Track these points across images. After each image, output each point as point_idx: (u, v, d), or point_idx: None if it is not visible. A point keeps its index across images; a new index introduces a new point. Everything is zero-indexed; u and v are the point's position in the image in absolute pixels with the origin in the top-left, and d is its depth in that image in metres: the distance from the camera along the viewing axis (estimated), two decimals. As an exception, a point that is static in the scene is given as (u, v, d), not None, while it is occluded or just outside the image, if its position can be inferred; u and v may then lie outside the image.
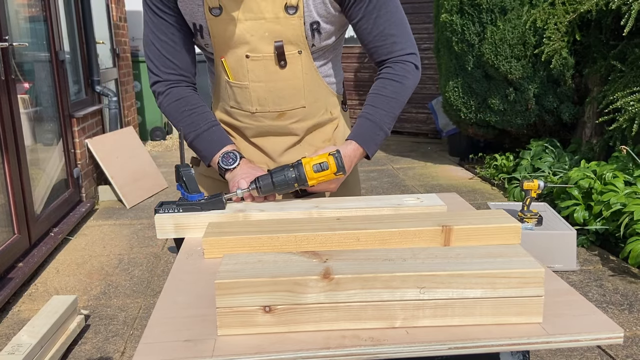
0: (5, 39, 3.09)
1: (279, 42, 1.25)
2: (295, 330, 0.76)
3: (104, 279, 3.09)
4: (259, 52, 1.26)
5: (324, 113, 1.41)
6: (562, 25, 4.17)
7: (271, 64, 1.28)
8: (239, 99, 1.34)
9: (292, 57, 1.28)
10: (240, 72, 1.30)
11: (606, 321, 0.77)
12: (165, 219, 1.14)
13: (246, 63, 1.28)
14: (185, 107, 1.33)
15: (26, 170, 3.27)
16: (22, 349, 2.06)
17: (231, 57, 1.29)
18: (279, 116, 1.35)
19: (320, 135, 1.42)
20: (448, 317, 0.77)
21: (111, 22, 5.56)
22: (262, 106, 1.33)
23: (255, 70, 1.28)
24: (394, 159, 5.98)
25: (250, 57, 1.27)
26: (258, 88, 1.30)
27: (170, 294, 0.88)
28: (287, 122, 1.36)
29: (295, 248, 1.01)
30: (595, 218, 3.31)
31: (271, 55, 1.26)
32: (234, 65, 1.30)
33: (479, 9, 4.66)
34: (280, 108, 1.33)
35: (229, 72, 1.31)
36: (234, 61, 1.29)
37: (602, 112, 4.01)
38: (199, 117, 1.32)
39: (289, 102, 1.33)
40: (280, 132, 1.37)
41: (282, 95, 1.32)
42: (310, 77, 1.33)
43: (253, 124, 1.37)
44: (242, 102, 1.34)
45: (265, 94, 1.31)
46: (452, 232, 1.04)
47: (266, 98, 1.32)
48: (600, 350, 2.31)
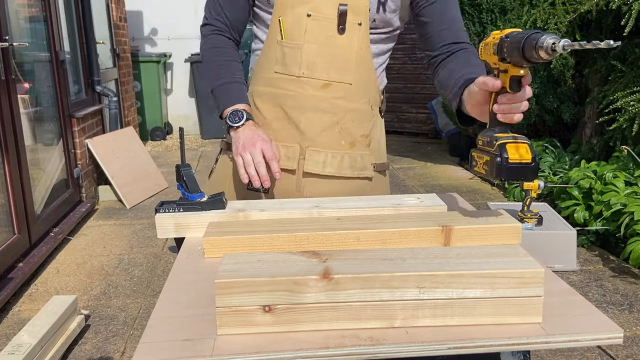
0: (5, 39, 3.09)
1: (344, 6, 1.25)
2: (294, 329, 0.76)
3: (104, 279, 3.09)
4: (321, 12, 1.27)
5: (366, 102, 1.36)
6: (563, 25, 4.17)
7: (330, 27, 1.27)
8: (288, 60, 1.31)
9: (352, 26, 1.27)
10: (296, 32, 1.29)
11: (606, 321, 0.77)
12: (165, 219, 1.14)
13: (305, 22, 1.28)
14: (218, 55, 1.37)
15: (26, 170, 3.27)
16: (22, 349, 2.06)
17: (290, 16, 1.29)
18: (325, 86, 1.31)
19: (359, 128, 1.36)
20: (448, 317, 0.77)
21: (111, 22, 5.56)
22: (310, 70, 1.30)
23: (313, 31, 1.28)
24: (394, 159, 5.98)
25: (312, 16, 1.27)
26: (310, 50, 1.29)
27: (170, 294, 0.88)
28: (331, 96, 1.31)
29: (295, 248, 1.01)
30: (595, 218, 3.31)
31: (333, 18, 1.27)
32: (291, 25, 1.29)
33: (479, 9, 4.66)
34: (328, 77, 1.30)
35: (283, 32, 1.30)
36: (293, 20, 1.29)
37: (603, 112, 4.01)
38: (227, 69, 1.36)
39: (338, 73, 1.30)
40: (320, 107, 1.31)
41: (333, 63, 1.29)
42: (364, 54, 1.31)
43: (296, 92, 1.32)
44: (289, 64, 1.31)
45: (316, 58, 1.29)
46: (452, 232, 1.04)
47: (316, 63, 1.29)
48: (600, 350, 2.31)
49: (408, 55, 6.91)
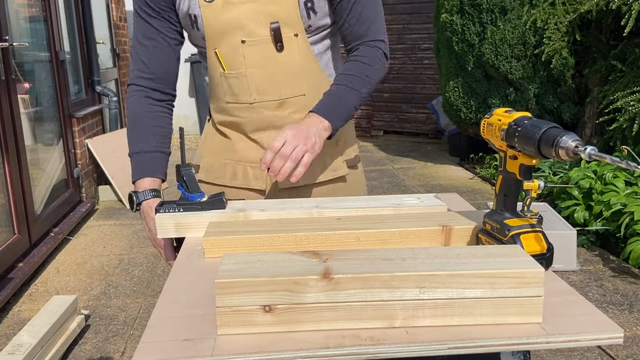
0: (5, 39, 3.09)
1: (275, 24, 1.23)
2: (295, 329, 0.76)
3: (104, 279, 3.09)
4: (255, 36, 1.24)
5: None
6: (562, 25, 4.17)
7: (268, 48, 1.25)
8: (236, 90, 1.30)
9: (289, 39, 1.25)
10: (236, 61, 1.27)
11: (606, 321, 0.77)
12: (165, 219, 1.14)
13: (242, 50, 1.25)
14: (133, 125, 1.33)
15: (26, 170, 3.27)
16: (22, 349, 2.06)
17: (225, 46, 1.26)
18: (279, 105, 1.30)
19: None
20: (448, 317, 0.77)
21: (111, 22, 5.56)
22: (260, 95, 1.29)
23: (252, 56, 1.26)
24: (394, 159, 5.98)
25: (247, 42, 1.24)
26: (256, 75, 1.27)
27: (170, 294, 0.88)
28: (287, 112, 1.31)
29: (295, 248, 1.01)
30: (595, 218, 3.31)
31: (268, 39, 1.24)
32: (229, 55, 1.27)
33: (479, 9, 4.66)
34: (280, 96, 1.29)
35: (223, 63, 1.28)
36: (229, 50, 1.27)
37: (603, 112, 4.02)
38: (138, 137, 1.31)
39: (289, 89, 1.29)
40: (280, 124, 1.31)
41: (281, 81, 1.28)
42: (309, 62, 1.29)
43: (252, 117, 1.32)
44: (239, 94, 1.30)
45: (264, 81, 1.28)
46: (452, 232, 1.04)
47: (264, 86, 1.28)
48: (600, 350, 2.31)
49: (408, 55, 6.91)
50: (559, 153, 0.83)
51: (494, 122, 0.97)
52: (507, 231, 0.93)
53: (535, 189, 0.92)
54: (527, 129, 0.88)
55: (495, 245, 0.95)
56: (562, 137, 0.82)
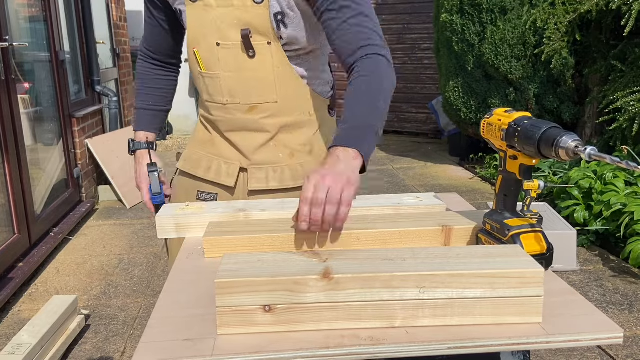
0: (6, 39, 3.09)
1: (245, 30, 1.24)
2: (294, 329, 0.76)
3: (104, 279, 3.09)
4: (228, 40, 1.27)
5: (300, 114, 1.34)
6: (562, 25, 4.17)
7: (240, 53, 1.27)
8: (211, 90, 1.34)
9: (262, 47, 1.26)
10: (212, 62, 1.31)
11: (606, 321, 0.77)
12: (165, 219, 1.14)
13: (217, 52, 1.29)
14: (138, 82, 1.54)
15: (26, 170, 3.27)
16: (22, 349, 2.06)
17: (203, 47, 1.30)
18: (250, 109, 1.32)
19: (296, 138, 1.36)
20: (448, 317, 0.77)
21: (111, 22, 5.56)
22: (232, 97, 1.32)
23: (226, 59, 1.29)
24: (394, 159, 5.98)
25: (221, 45, 1.28)
26: (228, 78, 1.30)
27: (170, 294, 0.88)
28: (258, 117, 1.32)
29: (295, 247, 1.01)
30: (595, 218, 3.31)
31: (239, 44, 1.26)
32: (206, 55, 1.31)
33: (479, 9, 4.66)
34: (251, 101, 1.31)
35: (201, 63, 1.33)
36: (206, 50, 1.30)
37: (603, 112, 4.02)
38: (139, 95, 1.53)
39: (259, 95, 1.30)
40: (252, 127, 1.34)
41: (252, 87, 1.30)
42: (283, 71, 1.29)
43: (225, 117, 1.36)
44: (213, 94, 1.35)
45: (235, 85, 1.31)
46: (452, 232, 1.04)
47: (236, 89, 1.31)
48: (600, 350, 2.31)
49: (408, 55, 6.91)
50: (559, 153, 0.83)
51: (494, 122, 0.97)
52: (507, 231, 0.93)
53: (535, 189, 0.92)
54: (527, 129, 0.88)
55: (495, 245, 0.95)
56: (562, 137, 0.82)
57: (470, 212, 1.21)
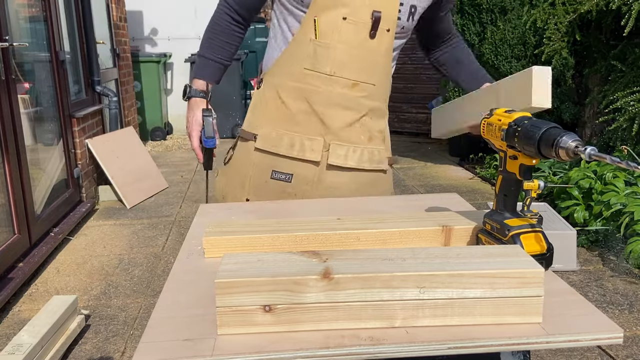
0: (6, 39, 3.09)
1: (378, 13, 1.34)
2: (294, 329, 0.76)
3: (104, 279, 3.09)
4: (356, 16, 1.34)
5: (384, 102, 1.49)
6: (562, 25, 4.17)
7: (363, 31, 1.35)
8: (319, 58, 1.37)
9: (382, 32, 1.36)
10: (330, 32, 1.35)
11: (606, 321, 0.77)
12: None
13: (340, 24, 1.35)
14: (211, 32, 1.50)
15: (26, 170, 3.27)
16: (22, 349, 2.06)
17: (325, 17, 1.35)
18: (353, 86, 1.39)
19: (376, 124, 1.47)
20: (448, 317, 0.77)
21: (111, 22, 5.56)
22: (339, 70, 1.37)
23: (347, 33, 1.35)
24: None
25: (348, 19, 1.34)
26: (342, 50, 1.36)
27: (170, 294, 0.88)
28: (357, 95, 1.40)
29: (295, 247, 1.01)
30: (595, 218, 3.31)
31: (367, 23, 1.34)
32: (326, 25, 1.35)
33: (479, 9, 4.66)
34: (357, 77, 1.38)
35: (317, 31, 1.36)
36: (327, 21, 1.35)
37: (602, 112, 4.02)
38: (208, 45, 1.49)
39: (366, 74, 1.39)
40: (346, 104, 1.40)
41: (362, 65, 1.38)
42: (387, 59, 1.41)
43: (324, 89, 1.39)
44: (320, 63, 1.37)
45: (347, 58, 1.37)
46: (452, 232, 1.05)
47: (346, 63, 1.37)
48: (600, 350, 2.31)
49: (408, 55, 6.90)
50: (559, 153, 0.83)
51: (494, 122, 0.97)
52: (507, 231, 0.93)
53: (535, 189, 0.92)
54: (527, 129, 0.88)
55: (495, 245, 0.95)
56: (562, 137, 0.82)
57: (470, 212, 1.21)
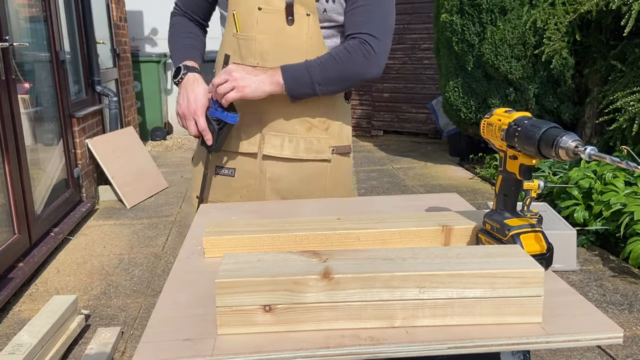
0: (6, 39, 3.09)
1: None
2: (295, 329, 0.76)
3: (104, 278, 3.09)
4: (270, 4, 1.34)
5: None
6: (562, 25, 4.17)
7: (279, 19, 1.35)
8: (243, 51, 1.39)
9: (300, 17, 1.34)
10: (249, 24, 1.37)
11: (606, 321, 0.77)
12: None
13: (257, 15, 1.35)
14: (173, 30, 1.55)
15: (26, 170, 3.27)
16: (22, 349, 2.06)
17: (243, 9, 1.37)
18: None
19: (316, 113, 1.43)
20: (448, 317, 0.77)
21: (111, 22, 5.56)
22: (263, 60, 1.37)
23: (264, 23, 1.35)
24: (394, 159, 5.98)
25: (263, 9, 1.35)
26: (263, 40, 1.36)
27: (170, 294, 0.88)
28: None
29: (295, 247, 1.01)
30: (595, 218, 3.31)
31: (281, 11, 1.34)
32: (244, 18, 1.37)
33: (479, 9, 4.66)
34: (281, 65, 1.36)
35: (237, 25, 1.38)
36: (245, 13, 1.37)
37: (602, 112, 4.02)
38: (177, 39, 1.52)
39: (290, 61, 1.36)
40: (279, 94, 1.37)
41: (285, 53, 1.36)
42: (316, 43, 1.37)
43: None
44: (245, 55, 1.39)
45: (269, 48, 1.37)
46: (452, 232, 1.05)
47: (269, 52, 1.37)
48: (600, 350, 2.31)
49: (408, 55, 6.91)
50: (559, 153, 0.83)
51: (494, 122, 0.97)
52: (507, 231, 0.93)
53: (535, 189, 0.92)
54: (527, 129, 0.88)
55: (495, 245, 0.95)
56: (562, 137, 0.82)
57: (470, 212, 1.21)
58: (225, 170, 1.45)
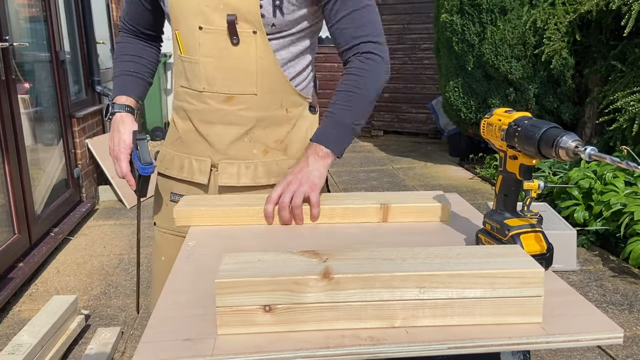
0: (6, 39, 3.09)
1: (231, 16, 1.20)
2: (295, 329, 0.76)
3: (104, 278, 3.09)
4: (212, 24, 1.22)
5: (278, 109, 1.31)
6: (562, 25, 4.17)
7: (223, 39, 1.23)
8: (189, 75, 1.30)
9: (246, 35, 1.23)
10: (192, 46, 1.26)
11: (606, 321, 0.77)
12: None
13: (198, 36, 1.24)
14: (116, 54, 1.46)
15: (26, 170, 3.27)
16: (22, 349, 2.06)
17: (185, 29, 1.26)
18: (227, 99, 1.28)
19: (271, 134, 1.32)
20: (448, 317, 0.77)
21: (111, 22, 5.56)
22: (210, 85, 1.27)
23: (207, 44, 1.24)
24: (394, 159, 5.98)
25: (203, 28, 1.23)
26: (208, 64, 1.26)
27: (170, 294, 0.88)
28: (235, 108, 1.28)
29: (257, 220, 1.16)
30: (595, 218, 3.31)
31: (224, 30, 1.22)
32: (187, 38, 1.27)
33: (479, 9, 4.66)
34: (229, 90, 1.27)
35: (181, 46, 1.29)
36: (187, 33, 1.26)
37: (602, 112, 4.02)
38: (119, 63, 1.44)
39: (239, 85, 1.27)
40: (226, 119, 1.29)
41: (232, 76, 1.26)
42: (266, 63, 1.26)
43: (200, 106, 1.30)
44: (191, 79, 1.30)
45: (215, 72, 1.26)
46: (389, 210, 1.17)
47: (215, 76, 1.26)
48: (600, 350, 2.31)
49: (408, 55, 6.91)
50: (559, 153, 0.83)
51: (494, 122, 0.97)
52: (507, 231, 0.93)
53: (535, 189, 0.92)
54: (527, 129, 0.88)
55: (495, 245, 0.95)
56: (562, 137, 0.82)
57: (471, 212, 1.21)
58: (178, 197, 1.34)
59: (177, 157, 1.37)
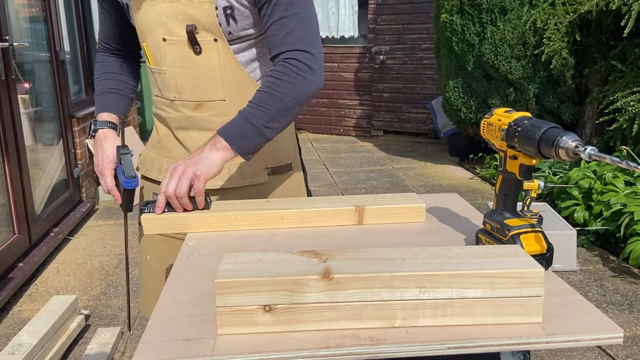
0: (6, 39, 3.09)
1: (190, 26, 1.23)
2: (295, 329, 0.76)
3: (104, 278, 3.09)
4: (174, 35, 1.25)
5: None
6: (562, 25, 4.17)
7: (186, 49, 1.26)
8: (160, 85, 1.34)
9: (208, 44, 1.25)
10: (159, 57, 1.30)
11: (606, 321, 0.77)
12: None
13: (163, 47, 1.27)
14: (96, 73, 1.48)
15: (26, 170, 3.27)
16: (22, 349, 2.06)
17: (151, 41, 1.29)
18: (197, 107, 1.31)
19: None
20: (448, 317, 0.77)
21: (111, 22, 5.56)
22: (180, 94, 1.31)
23: (172, 55, 1.27)
24: (394, 159, 5.98)
25: (167, 40, 1.26)
26: (175, 74, 1.29)
27: (170, 294, 0.88)
28: (206, 115, 1.31)
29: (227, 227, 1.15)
30: (595, 218, 3.31)
31: (185, 40, 1.25)
32: (154, 50, 1.30)
33: (479, 9, 4.66)
34: (198, 98, 1.30)
35: (150, 58, 1.32)
36: (154, 45, 1.29)
37: (602, 112, 4.02)
38: (99, 82, 1.45)
39: (206, 92, 1.29)
40: (200, 125, 1.33)
41: (199, 84, 1.29)
42: (230, 69, 1.27)
43: (174, 114, 1.35)
44: (162, 89, 1.34)
45: (182, 81, 1.29)
46: (364, 212, 1.16)
47: (183, 85, 1.30)
48: (600, 350, 2.31)
49: (408, 55, 6.91)
50: (559, 153, 0.83)
51: (494, 122, 0.97)
52: (507, 231, 0.93)
53: (535, 189, 0.92)
54: (527, 129, 0.88)
55: (495, 245, 0.95)
56: (562, 137, 0.82)
57: (471, 212, 1.21)
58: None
59: (157, 159, 1.42)
